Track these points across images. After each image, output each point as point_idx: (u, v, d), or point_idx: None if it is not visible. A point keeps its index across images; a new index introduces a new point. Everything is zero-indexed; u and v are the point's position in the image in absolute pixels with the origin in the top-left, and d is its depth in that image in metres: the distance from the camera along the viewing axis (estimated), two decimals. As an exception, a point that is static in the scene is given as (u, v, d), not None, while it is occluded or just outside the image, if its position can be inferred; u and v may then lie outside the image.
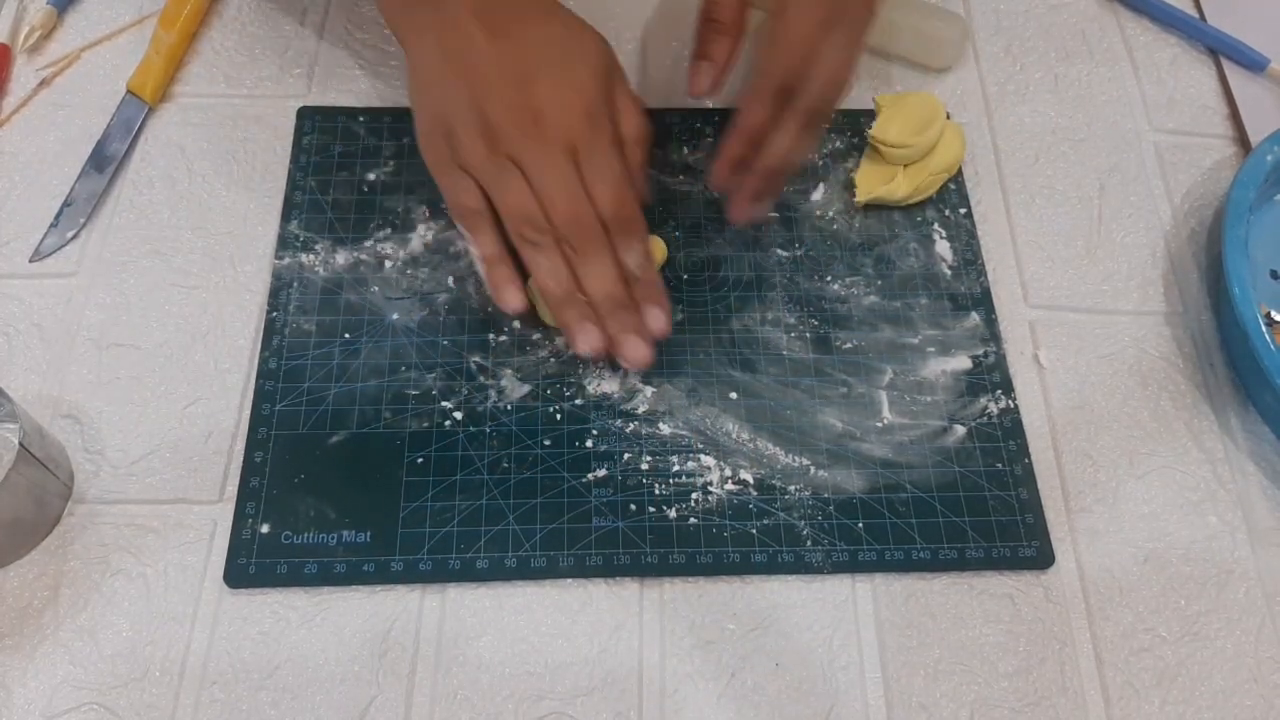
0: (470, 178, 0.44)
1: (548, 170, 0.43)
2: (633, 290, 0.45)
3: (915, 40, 0.61)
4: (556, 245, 0.43)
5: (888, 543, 0.47)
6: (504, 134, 0.43)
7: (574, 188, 0.43)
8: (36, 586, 0.44)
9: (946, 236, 0.56)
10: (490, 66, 0.44)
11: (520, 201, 0.43)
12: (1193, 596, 0.47)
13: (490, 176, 0.44)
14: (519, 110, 0.43)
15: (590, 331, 0.44)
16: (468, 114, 0.44)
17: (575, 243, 0.43)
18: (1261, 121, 0.60)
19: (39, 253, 0.53)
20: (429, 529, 0.46)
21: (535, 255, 0.44)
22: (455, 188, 0.44)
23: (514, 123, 0.43)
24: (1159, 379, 0.52)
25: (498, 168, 0.43)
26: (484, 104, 0.43)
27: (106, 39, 0.60)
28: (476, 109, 0.43)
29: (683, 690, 0.44)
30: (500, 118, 0.43)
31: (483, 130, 0.43)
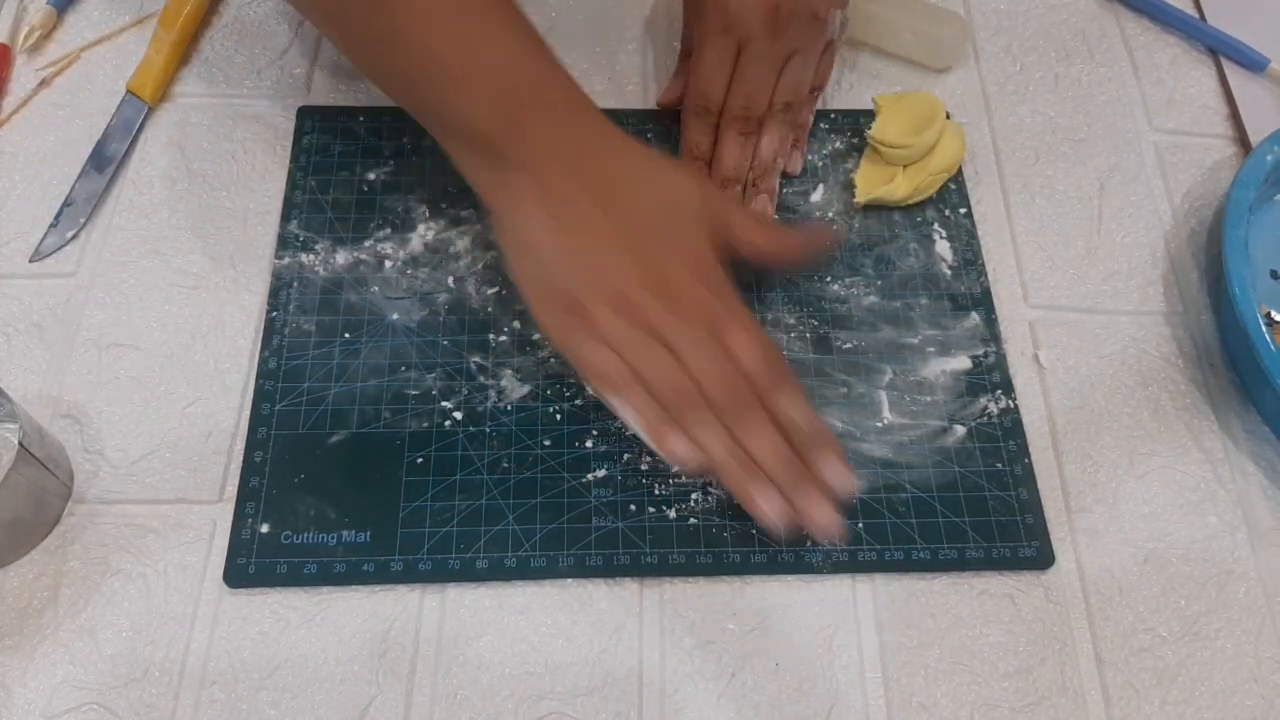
0: (608, 348, 0.43)
1: (692, 344, 0.43)
2: (801, 445, 0.43)
3: (915, 40, 0.61)
4: (713, 414, 0.43)
5: (887, 543, 0.47)
6: (642, 309, 0.43)
7: (720, 358, 0.43)
8: (36, 586, 0.44)
9: (946, 236, 0.56)
10: (610, 240, 0.44)
11: (671, 376, 0.42)
12: (1193, 596, 0.47)
13: (634, 350, 0.43)
14: (652, 284, 0.43)
15: (773, 497, 0.42)
16: (599, 289, 0.43)
17: (732, 411, 0.43)
18: (1261, 121, 0.60)
19: (39, 253, 0.53)
20: (429, 529, 0.46)
21: (695, 428, 0.43)
22: (596, 358, 0.43)
23: (648, 299, 0.43)
24: (1159, 379, 0.52)
25: (641, 342, 0.43)
26: (615, 280, 0.43)
27: (106, 39, 0.60)
28: (607, 285, 0.43)
29: (683, 690, 0.44)
30: (635, 295, 0.43)
31: (618, 306, 0.43)
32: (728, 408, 0.43)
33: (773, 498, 0.42)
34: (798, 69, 0.55)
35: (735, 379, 0.43)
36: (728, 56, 0.54)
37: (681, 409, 0.43)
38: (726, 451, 0.42)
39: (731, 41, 0.53)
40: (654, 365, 0.43)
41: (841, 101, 0.60)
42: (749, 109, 0.54)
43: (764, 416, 0.43)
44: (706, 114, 0.55)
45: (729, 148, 0.54)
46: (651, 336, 0.43)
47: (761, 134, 0.55)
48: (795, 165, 0.57)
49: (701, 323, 0.43)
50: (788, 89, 0.54)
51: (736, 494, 0.43)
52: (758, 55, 0.53)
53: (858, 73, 0.61)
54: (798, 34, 0.54)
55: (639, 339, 0.43)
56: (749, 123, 0.54)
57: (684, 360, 0.43)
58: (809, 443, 0.43)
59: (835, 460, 0.43)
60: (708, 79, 0.54)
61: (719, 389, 0.42)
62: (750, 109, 0.54)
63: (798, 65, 0.54)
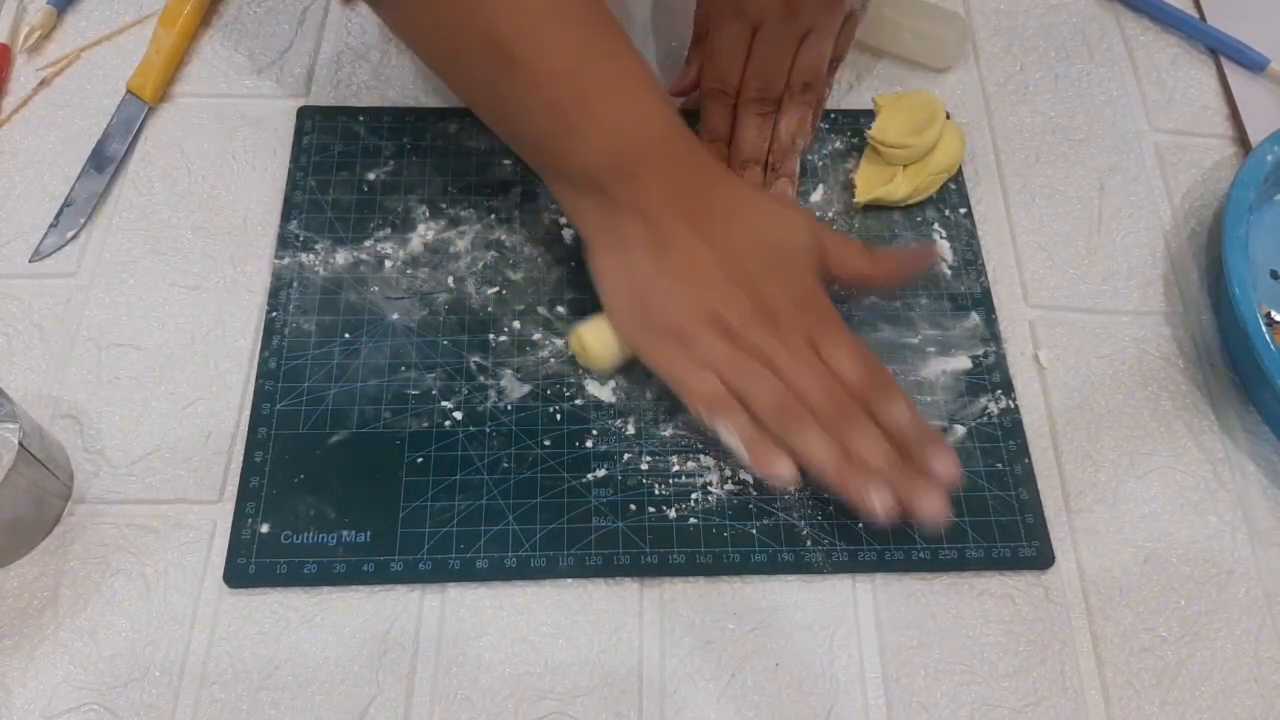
0: (712, 372, 0.44)
1: (794, 361, 0.44)
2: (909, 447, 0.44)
3: (915, 40, 0.61)
4: (819, 428, 0.43)
5: (888, 543, 0.47)
6: (744, 332, 0.45)
7: (821, 371, 0.44)
8: (36, 586, 0.44)
9: (946, 236, 0.56)
10: (715, 273, 0.45)
11: (774, 393, 0.44)
12: (1193, 596, 0.47)
13: (735, 371, 0.44)
14: (754, 312, 0.45)
15: (883, 491, 0.42)
16: (702, 317, 0.45)
17: (837, 420, 0.44)
18: (1261, 121, 0.60)
19: (39, 253, 0.53)
20: (429, 529, 0.46)
21: (802, 440, 0.43)
22: (698, 380, 0.45)
23: (752, 324, 0.45)
24: (1159, 379, 0.52)
25: (744, 364, 0.44)
26: (719, 309, 0.45)
27: (106, 39, 0.60)
28: (711, 313, 0.45)
29: (683, 690, 0.44)
30: (738, 321, 0.45)
31: (721, 331, 0.45)
32: (832, 417, 0.43)
33: (882, 492, 0.42)
34: (815, 46, 0.54)
35: (837, 389, 0.44)
36: (743, 38, 0.54)
37: (786, 422, 0.43)
38: (834, 457, 0.43)
39: (747, 23, 0.54)
40: (757, 383, 0.44)
41: (841, 101, 0.60)
42: (766, 90, 0.54)
43: (868, 421, 0.44)
44: (723, 96, 0.55)
45: (747, 130, 0.54)
46: (754, 358, 0.44)
47: (780, 114, 0.55)
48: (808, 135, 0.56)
49: (802, 341, 0.45)
50: (805, 68, 0.54)
51: (846, 493, 0.43)
52: (774, 36, 0.54)
53: (857, 73, 0.61)
54: (814, 11, 0.53)
55: (741, 360, 0.44)
56: (766, 104, 0.54)
57: (786, 377, 0.44)
58: (916, 441, 0.44)
59: (943, 453, 0.44)
60: (724, 62, 0.54)
61: (822, 400, 0.44)
62: (767, 90, 0.54)
63: (815, 43, 0.54)
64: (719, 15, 0.54)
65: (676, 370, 0.45)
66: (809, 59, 0.54)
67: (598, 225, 0.47)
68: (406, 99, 0.59)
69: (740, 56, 0.54)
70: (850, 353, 0.45)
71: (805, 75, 0.54)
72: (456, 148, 0.57)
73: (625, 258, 0.46)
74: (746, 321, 0.45)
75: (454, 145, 0.57)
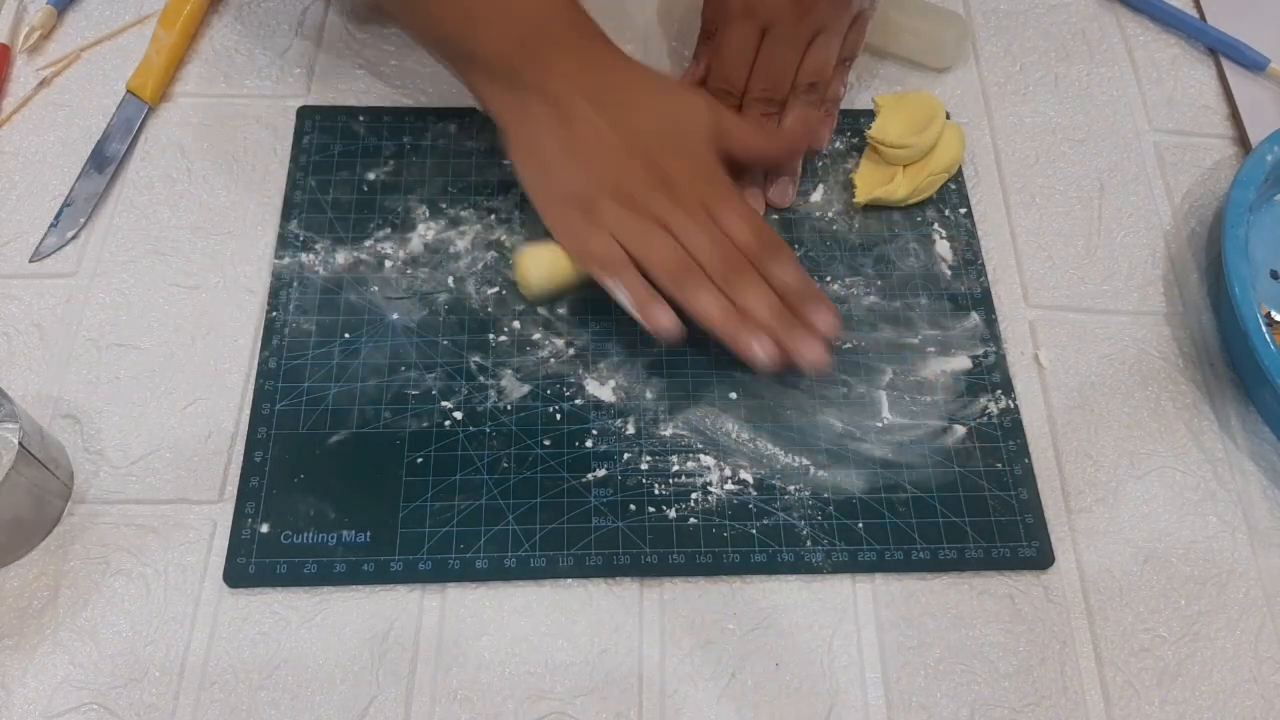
0: (609, 235, 0.48)
1: (689, 225, 0.48)
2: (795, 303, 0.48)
3: (915, 40, 0.61)
4: (711, 284, 0.47)
5: (888, 543, 0.47)
6: (643, 200, 0.48)
7: (714, 233, 0.48)
8: (36, 586, 0.44)
9: (946, 236, 0.56)
10: (616, 146, 0.49)
11: (669, 252, 0.47)
12: (1193, 596, 0.47)
13: (636, 235, 0.48)
14: (652, 181, 0.48)
15: (765, 340, 0.46)
16: (606, 188, 0.48)
17: (728, 277, 0.47)
18: (1261, 121, 0.60)
19: (39, 253, 0.53)
20: (429, 529, 0.46)
21: (694, 295, 0.47)
22: (596, 243, 0.48)
23: (650, 192, 0.48)
24: (1159, 379, 0.52)
25: (642, 227, 0.48)
26: (621, 179, 0.48)
27: (106, 39, 0.60)
28: (614, 184, 0.48)
29: (683, 690, 0.44)
30: (638, 189, 0.48)
31: (622, 199, 0.48)
32: (723, 274, 0.47)
33: (764, 340, 0.46)
34: (822, 48, 0.55)
35: (729, 249, 0.48)
36: (751, 38, 0.54)
37: (680, 278, 0.47)
38: (722, 310, 0.47)
39: (755, 24, 0.54)
40: (653, 245, 0.47)
41: (842, 101, 0.60)
42: (772, 90, 0.55)
43: (757, 278, 0.48)
44: (729, 96, 0.55)
45: None
46: (651, 223, 0.48)
47: (784, 115, 0.55)
48: (821, 140, 0.57)
49: (698, 207, 0.48)
50: (812, 69, 0.55)
51: (731, 344, 0.47)
52: (782, 36, 0.54)
53: (857, 73, 0.61)
54: (824, 12, 0.54)
55: (639, 223, 0.48)
56: (772, 104, 0.55)
57: (681, 239, 0.47)
58: (800, 297, 0.48)
59: (824, 308, 0.48)
60: (731, 62, 0.55)
61: (714, 259, 0.47)
62: (773, 90, 0.55)
63: (822, 44, 0.54)
64: (728, 14, 0.54)
65: (577, 235, 0.48)
66: (816, 59, 0.55)
67: (508, 107, 0.50)
68: (406, 99, 0.59)
69: (749, 56, 0.54)
70: (742, 217, 0.49)
71: (811, 75, 0.55)
72: (456, 148, 0.57)
73: (534, 137, 0.49)
74: (645, 190, 0.48)
75: (454, 145, 0.57)
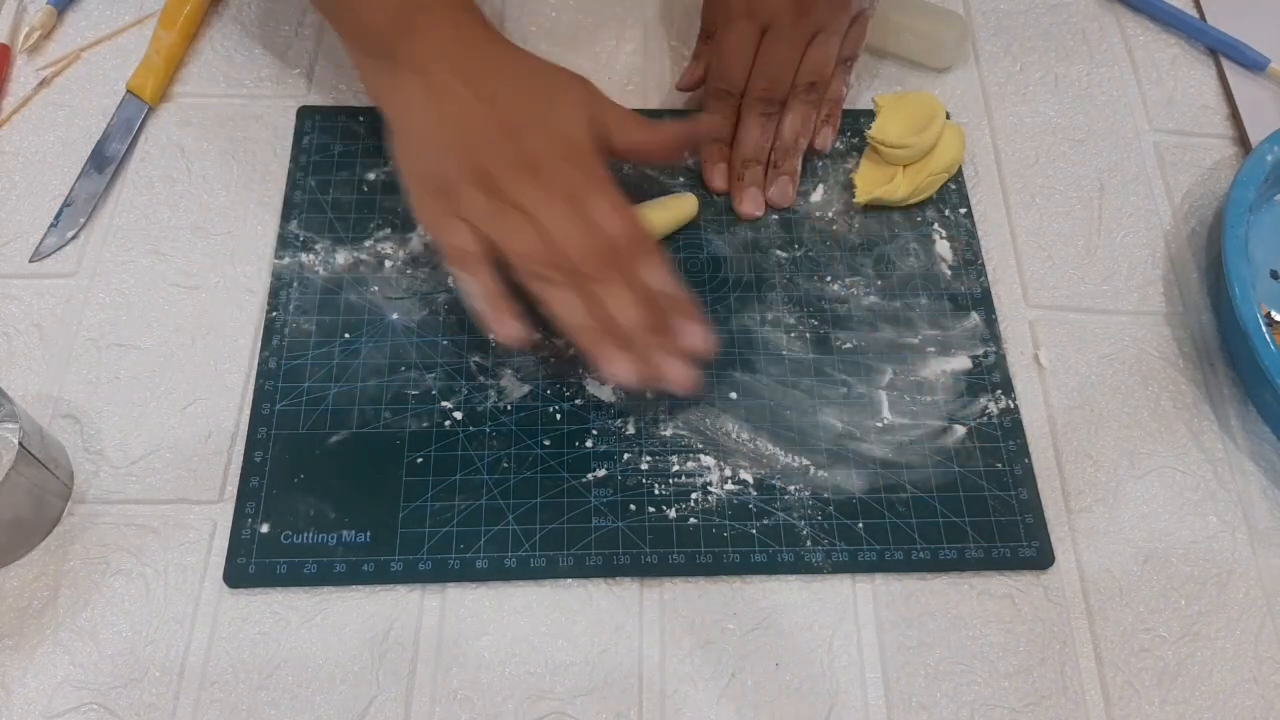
0: (467, 225, 0.44)
1: (553, 213, 0.44)
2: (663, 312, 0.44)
3: (915, 40, 0.61)
4: (572, 281, 0.43)
5: (888, 543, 0.47)
6: (504, 183, 0.44)
7: (580, 226, 0.44)
8: (36, 586, 0.44)
9: (946, 236, 0.56)
10: (483, 124, 0.45)
11: (530, 242, 0.44)
12: (1193, 596, 0.47)
13: (495, 223, 0.44)
14: (516, 162, 0.44)
15: (622, 360, 0.43)
16: (465, 169, 0.45)
17: (592, 273, 0.43)
18: (1261, 121, 0.60)
19: (39, 253, 0.53)
20: (429, 529, 0.46)
21: (551, 294, 0.44)
22: (454, 234, 0.45)
23: (513, 173, 0.44)
24: (1159, 379, 0.52)
25: (501, 214, 0.44)
26: (481, 159, 0.45)
27: (106, 39, 0.60)
28: (474, 164, 0.45)
29: (683, 690, 0.44)
30: (499, 170, 0.44)
31: (482, 182, 0.44)
32: (586, 273, 0.43)
33: (623, 359, 0.43)
34: (822, 47, 0.54)
35: (595, 245, 0.44)
36: (750, 39, 0.54)
37: (538, 275, 0.43)
38: (581, 315, 0.43)
39: (755, 24, 0.54)
40: (512, 234, 0.44)
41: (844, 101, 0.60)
42: (772, 90, 0.54)
43: (622, 282, 0.44)
44: (728, 97, 0.55)
45: (750, 129, 0.55)
46: (513, 209, 0.44)
47: (784, 114, 0.55)
48: (825, 141, 0.57)
49: (565, 194, 0.44)
50: (811, 68, 0.55)
51: (589, 354, 0.44)
52: (781, 36, 0.54)
53: (857, 73, 0.61)
54: (824, 12, 0.54)
55: (500, 210, 0.44)
56: (771, 104, 0.55)
57: (545, 229, 0.43)
58: (671, 307, 0.44)
59: (692, 323, 0.44)
60: (730, 62, 0.54)
61: (577, 254, 0.43)
62: (773, 90, 0.54)
63: (822, 43, 0.54)
64: (728, 14, 0.54)
65: (436, 225, 0.46)
66: (816, 59, 0.55)
67: (386, 89, 0.48)
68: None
69: (749, 56, 0.54)
70: (615, 210, 0.44)
71: (811, 75, 0.55)
72: (456, 148, 0.57)
73: (403, 114, 0.47)
74: (509, 171, 0.44)
75: (454, 145, 0.57)
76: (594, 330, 0.43)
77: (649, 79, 0.60)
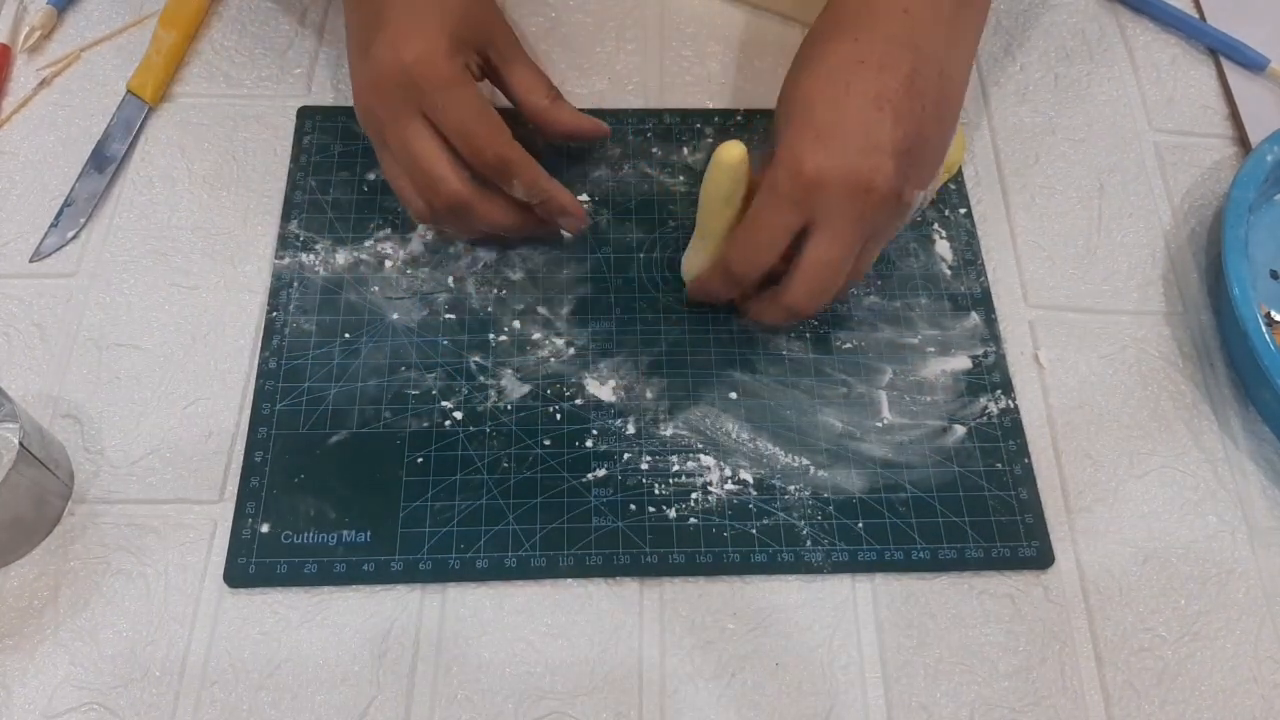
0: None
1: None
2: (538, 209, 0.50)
3: (915, 40, 0.61)
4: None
5: (887, 543, 0.47)
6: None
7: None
8: (36, 586, 0.44)
9: (946, 236, 0.56)
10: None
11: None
12: (1193, 596, 0.47)
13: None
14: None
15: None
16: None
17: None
18: (1261, 121, 0.60)
19: (39, 253, 0.53)
20: (429, 529, 0.46)
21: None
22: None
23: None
24: (1159, 379, 0.52)
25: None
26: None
27: (106, 39, 0.60)
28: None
29: (683, 690, 0.44)
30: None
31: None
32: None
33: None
34: (863, 261, 0.46)
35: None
36: (789, 229, 0.44)
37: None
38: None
39: (800, 214, 0.43)
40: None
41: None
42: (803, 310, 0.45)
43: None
44: (735, 286, 0.47)
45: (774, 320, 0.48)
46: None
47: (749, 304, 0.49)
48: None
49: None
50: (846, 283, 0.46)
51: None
52: (835, 238, 0.43)
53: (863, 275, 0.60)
54: (882, 219, 0.44)
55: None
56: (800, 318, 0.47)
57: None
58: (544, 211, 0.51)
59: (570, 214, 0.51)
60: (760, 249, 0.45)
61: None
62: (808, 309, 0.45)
63: (864, 256, 0.46)
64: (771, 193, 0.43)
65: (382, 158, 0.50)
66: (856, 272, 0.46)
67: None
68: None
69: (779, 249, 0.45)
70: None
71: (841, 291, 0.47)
72: (456, 148, 0.57)
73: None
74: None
75: (454, 145, 0.57)
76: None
77: (649, 79, 0.60)
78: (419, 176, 0.47)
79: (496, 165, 0.47)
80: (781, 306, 0.46)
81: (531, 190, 0.48)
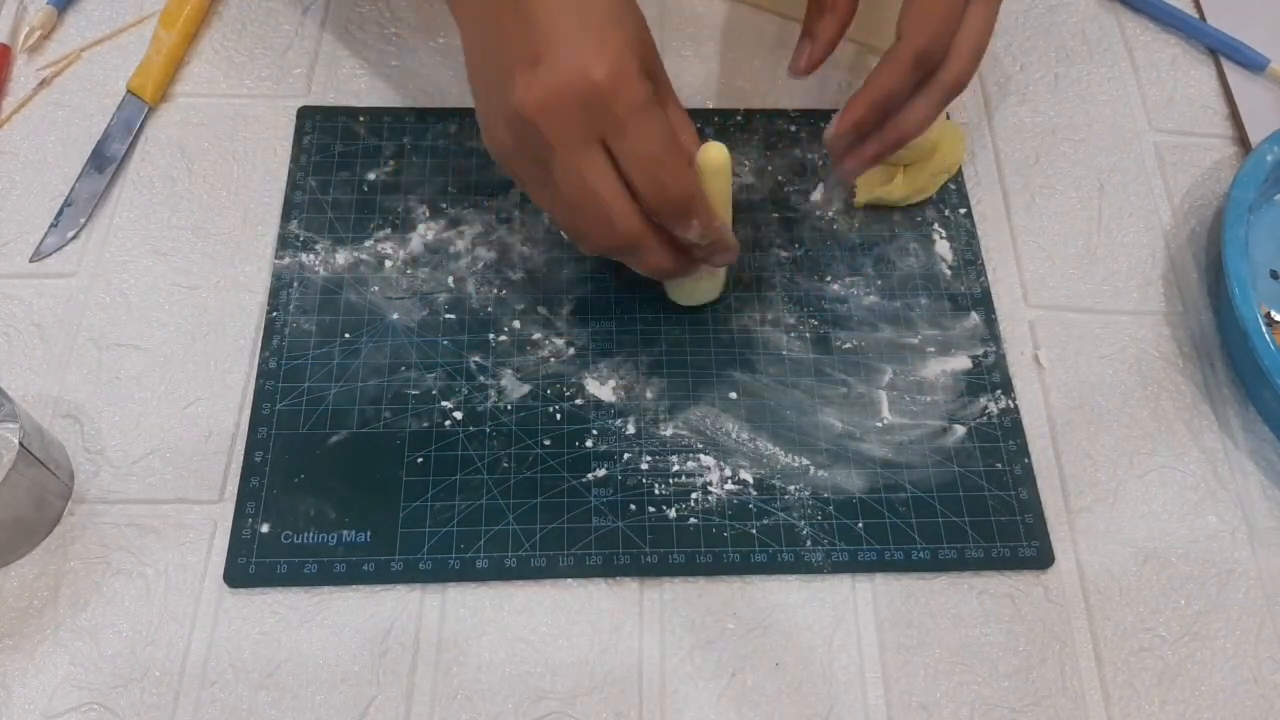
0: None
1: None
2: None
3: (915, 40, 0.61)
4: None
5: (887, 543, 0.47)
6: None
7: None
8: (36, 586, 0.44)
9: (946, 236, 0.56)
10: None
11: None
12: (1193, 596, 0.47)
13: None
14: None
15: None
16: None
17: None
18: (1261, 121, 0.60)
19: (39, 253, 0.53)
20: (429, 529, 0.46)
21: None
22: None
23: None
24: (1159, 379, 0.52)
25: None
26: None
27: (106, 39, 0.60)
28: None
29: (683, 690, 0.44)
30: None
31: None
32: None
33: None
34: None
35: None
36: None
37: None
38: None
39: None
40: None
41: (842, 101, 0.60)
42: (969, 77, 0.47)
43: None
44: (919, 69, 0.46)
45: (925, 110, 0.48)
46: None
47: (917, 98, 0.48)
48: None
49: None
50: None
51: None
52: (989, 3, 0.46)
53: (857, 73, 0.61)
54: None
55: None
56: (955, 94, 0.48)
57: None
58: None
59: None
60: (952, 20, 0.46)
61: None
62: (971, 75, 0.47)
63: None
64: None
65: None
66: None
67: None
68: (406, 99, 0.59)
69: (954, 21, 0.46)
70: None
71: None
72: (456, 148, 0.57)
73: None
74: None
75: (454, 145, 0.57)
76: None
77: (649, 79, 0.60)
78: (592, 211, 0.41)
79: (680, 203, 0.42)
80: (945, 85, 0.47)
81: (706, 232, 0.43)
